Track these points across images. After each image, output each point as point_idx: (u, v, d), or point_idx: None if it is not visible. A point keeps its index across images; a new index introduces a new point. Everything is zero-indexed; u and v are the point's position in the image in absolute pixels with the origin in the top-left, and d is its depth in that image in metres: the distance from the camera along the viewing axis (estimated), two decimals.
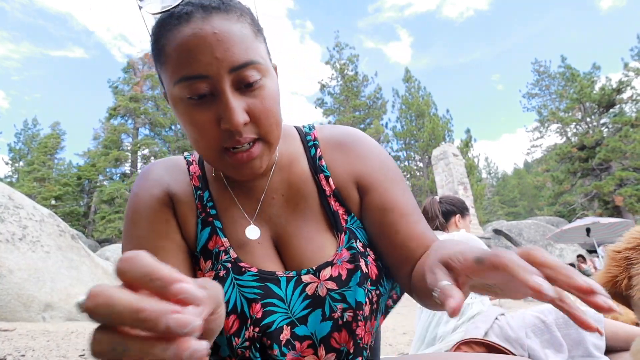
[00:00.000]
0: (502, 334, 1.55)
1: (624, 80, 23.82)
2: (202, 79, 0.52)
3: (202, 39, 0.52)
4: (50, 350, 3.03)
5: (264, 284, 0.61)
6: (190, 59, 0.52)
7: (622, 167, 21.94)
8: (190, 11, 0.53)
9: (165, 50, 0.55)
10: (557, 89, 30.23)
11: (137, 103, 27.89)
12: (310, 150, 0.72)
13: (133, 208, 0.65)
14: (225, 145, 0.56)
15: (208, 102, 0.54)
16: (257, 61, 0.55)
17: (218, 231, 0.65)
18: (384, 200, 0.68)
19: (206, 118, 0.55)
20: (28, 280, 5.13)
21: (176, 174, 0.69)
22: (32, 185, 26.76)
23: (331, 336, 0.61)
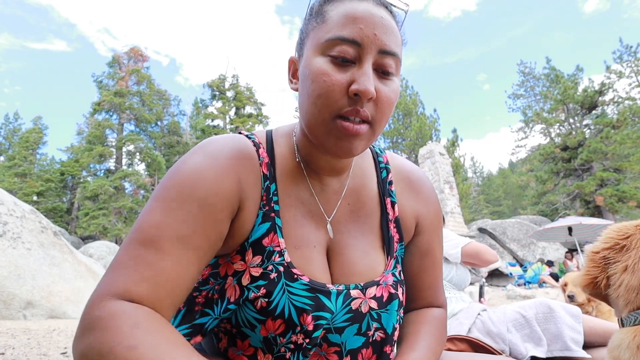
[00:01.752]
0: (485, 328, 1.58)
1: (606, 82, 24.36)
2: (354, 44, 0.57)
3: (371, 16, 0.57)
4: (30, 349, 2.98)
5: (315, 295, 0.61)
6: (354, 26, 0.57)
7: (603, 168, 22.46)
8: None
9: (328, 13, 0.60)
10: (542, 90, 30.74)
11: (122, 98, 27.44)
12: (382, 172, 0.76)
13: (191, 181, 0.57)
14: (342, 112, 0.57)
15: (347, 67, 0.58)
16: (399, 57, 0.60)
17: (277, 229, 0.63)
18: (429, 247, 0.77)
19: (340, 78, 0.57)
20: (8, 278, 5.02)
21: (247, 159, 0.64)
22: (13, 180, 26.13)
23: (359, 351, 0.64)
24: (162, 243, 0.52)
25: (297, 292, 0.60)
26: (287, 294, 0.59)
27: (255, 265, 0.61)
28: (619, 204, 20.65)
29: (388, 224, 0.72)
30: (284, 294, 0.59)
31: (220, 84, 30.76)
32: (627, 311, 0.88)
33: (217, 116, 30.15)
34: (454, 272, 1.95)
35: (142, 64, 31.16)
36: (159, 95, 31.33)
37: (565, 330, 1.45)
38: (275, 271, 0.60)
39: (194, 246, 0.55)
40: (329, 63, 0.58)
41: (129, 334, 0.43)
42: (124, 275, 0.50)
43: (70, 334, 3.74)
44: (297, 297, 0.60)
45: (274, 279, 0.60)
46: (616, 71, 26.44)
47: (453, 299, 1.83)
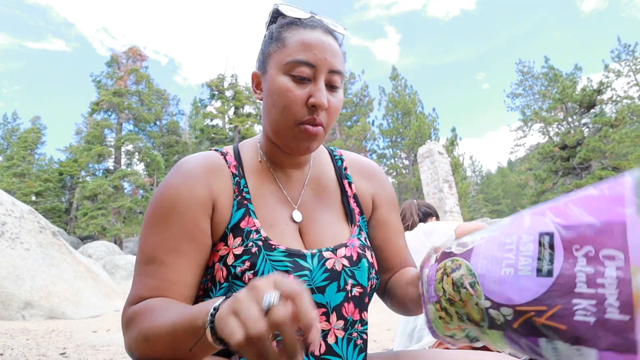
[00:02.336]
0: None
1: (604, 81, 24.40)
2: (309, 66, 0.71)
3: (321, 43, 0.73)
4: (29, 349, 2.98)
5: (293, 259, 0.71)
6: (309, 52, 0.71)
7: (602, 167, 22.51)
8: (316, 26, 0.75)
9: (287, 40, 0.73)
10: (540, 89, 30.78)
11: (120, 98, 27.42)
12: (337, 162, 0.92)
13: (169, 201, 0.71)
14: (303, 120, 0.72)
15: (305, 84, 0.72)
16: (343, 74, 0.76)
17: (251, 213, 0.74)
18: (387, 219, 0.89)
19: (300, 93, 0.72)
20: (7, 278, 5.02)
21: (214, 168, 0.77)
22: (12, 180, 26.10)
23: (342, 305, 0.73)
24: (160, 257, 0.67)
25: (277, 258, 0.70)
26: (269, 262, 0.69)
27: (236, 246, 0.71)
28: None
29: (348, 199, 0.86)
30: (266, 263, 0.69)
31: (219, 83, 30.74)
32: None
33: (216, 116, 30.14)
34: None
35: (140, 64, 31.14)
36: (158, 95, 31.31)
37: None
38: (255, 246, 0.70)
39: (185, 251, 0.68)
40: (291, 81, 0.72)
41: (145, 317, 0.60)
42: (135, 289, 0.67)
43: (68, 335, 3.74)
44: (278, 262, 0.69)
45: (255, 252, 0.69)
46: (614, 70, 26.49)
47: None
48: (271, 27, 0.79)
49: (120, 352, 3.00)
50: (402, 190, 30.60)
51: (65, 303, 5.44)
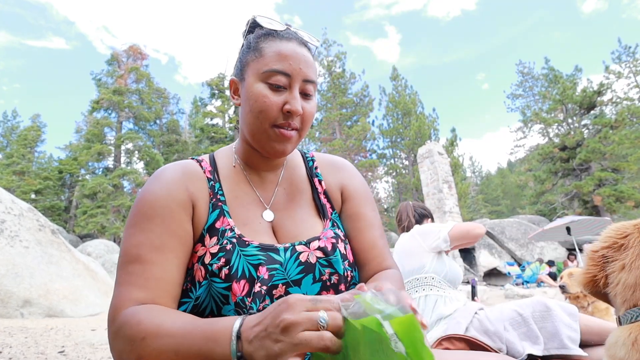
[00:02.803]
0: (482, 327, 1.59)
1: (604, 82, 24.39)
2: (285, 75, 0.76)
3: (296, 54, 0.78)
4: (28, 347, 2.97)
5: (266, 253, 0.74)
6: (284, 61, 0.76)
7: (601, 168, 22.51)
8: (291, 37, 0.80)
9: (263, 50, 0.78)
10: (541, 90, 30.76)
11: (121, 96, 27.37)
12: (309, 162, 0.96)
13: (149, 204, 0.73)
14: (277, 123, 0.77)
15: (281, 91, 0.77)
16: (316, 83, 0.81)
17: (225, 213, 0.78)
18: (357, 210, 0.91)
19: (276, 100, 0.76)
20: (6, 276, 5.01)
21: (190, 172, 0.81)
22: (11, 178, 26.05)
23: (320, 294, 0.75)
24: (144, 256, 0.68)
25: (250, 253, 0.73)
26: (243, 257, 0.72)
27: (212, 245, 0.74)
28: (616, 204, 20.70)
29: (319, 195, 0.90)
30: (240, 258, 0.72)
31: (220, 82, 30.68)
32: (624, 309, 0.88)
33: (216, 115, 30.09)
34: (447, 268, 1.93)
35: (141, 62, 31.09)
36: (158, 94, 31.25)
37: (562, 329, 1.45)
38: (229, 243, 0.73)
39: (169, 249, 0.70)
40: (267, 89, 0.77)
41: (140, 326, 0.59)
42: (124, 290, 0.66)
43: (67, 333, 3.74)
44: (251, 257, 0.72)
45: (230, 249, 0.72)
46: (615, 71, 26.49)
47: (447, 298, 1.82)
48: (249, 37, 0.84)
49: None
50: (402, 191, 30.59)
51: (64, 301, 5.43)
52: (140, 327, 0.59)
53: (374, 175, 28.74)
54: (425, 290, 1.87)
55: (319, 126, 29.21)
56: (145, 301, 0.65)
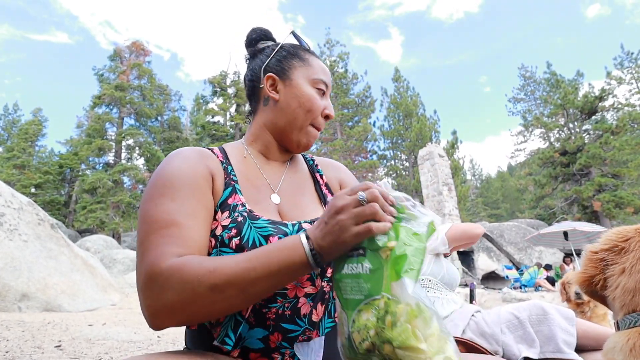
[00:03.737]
0: (478, 329, 1.59)
1: (606, 88, 24.40)
2: (326, 85, 0.94)
3: (328, 71, 0.96)
4: (25, 341, 2.97)
5: (275, 226, 0.77)
6: (325, 74, 0.94)
7: (602, 173, 22.51)
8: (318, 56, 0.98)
9: (309, 61, 0.94)
10: (542, 95, 30.76)
11: (122, 92, 27.36)
12: (309, 161, 1.06)
13: (176, 177, 0.76)
14: (315, 122, 0.93)
15: (322, 97, 0.93)
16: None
17: (237, 191, 0.82)
18: None
19: (322, 103, 0.93)
20: (4, 269, 5.01)
21: (206, 154, 0.87)
22: (11, 172, 26.06)
23: (326, 270, 0.79)
24: (180, 221, 0.69)
25: (261, 225, 0.76)
26: (254, 229, 0.75)
27: (224, 219, 0.77)
28: (616, 210, 20.70)
29: (321, 187, 0.99)
30: (251, 230, 0.74)
31: (222, 80, 30.66)
32: (622, 314, 0.88)
33: (218, 112, 30.08)
34: (444, 271, 1.93)
35: (143, 58, 31.08)
36: (160, 90, 31.25)
37: (558, 333, 1.46)
38: (240, 216, 0.77)
39: (201, 217, 0.73)
40: (316, 93, 0.92)
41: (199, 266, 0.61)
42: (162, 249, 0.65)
43: (64, 328, 3.74)
44: (262, 228, 0.75)
45: (241, 221, 0.76)
46: (616, 77, 26.50)
47: (444, 300, 1.83)
48: (285, 45, 0.96)
49: (115, 347, 3.00)
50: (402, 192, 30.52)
51: (61, 296, 5.44)
52: (204, 264, 0.61)
53: (374, 176, 28.71)
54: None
55: None
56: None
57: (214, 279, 0.59)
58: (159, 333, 3.76)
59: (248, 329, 0.72)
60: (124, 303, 6.75)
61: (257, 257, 0.62)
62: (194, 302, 0.59)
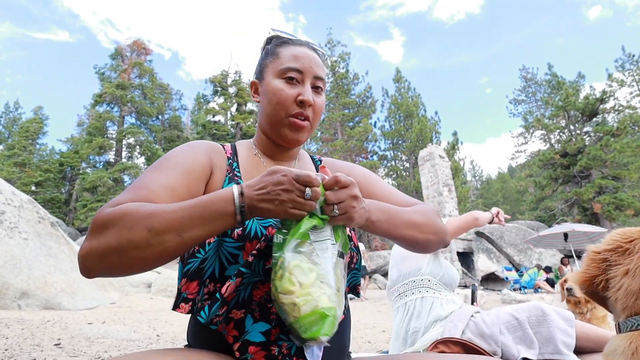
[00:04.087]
0: (478, 330, 1.59)
1: (607, 90, 24.39)
2: (298, 71, 0.89)
3: (307, 55, 0.91)
4: (24, 339, 2.98)
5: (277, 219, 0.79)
6: (297, 60, 0.89)
7: (602, 176, 22.50)
8: (302, 44, 0.94)
9: (280, 53, 0.91)
10: (543, 96, 30.75)
11: (124, 91, 27.39)
12: (317, 162, 1.07)
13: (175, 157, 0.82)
14: (292, 113, 0.88)
15: (295, 85, 0.89)
16: (325, 80, 0.94)
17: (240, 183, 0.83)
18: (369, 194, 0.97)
19: (291, 92, 0.88)
20: (4, 267, 5.02)
21: (215, 148, 0.92)
22: (12, 170, 26.09)
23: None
24: (153, 188, 0.73)
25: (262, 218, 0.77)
26: (256, 220, 0.78)
27: None
28: (616, 212, 20.70)
29: None
30: (253, 222, 0.78)
31: (223, 79, 30.69)
32: (624, 316, 0.87)
33: (219, 112, 30.09)
34: (444, 271, 1.92)
35: (144, 57, 31.11)
36: (161, 89, 31.28)
37: (557, 334, 1.46)
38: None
39: (177, 194, 0.75)
40: (284, 83, 0.88)
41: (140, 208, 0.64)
42: (118, 198, 0.70)
43: (64, 326, 3.74)
44: (264, 220, 0.79)
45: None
46: (618, 79, 26.48)
47: (443, 300, 1.83)
48: (267, 46, 0.96)
49: (115, 345, 3.00)
50: None
51: (61, 294, 5.44)
52: (144, 207, 0.65)
53: None
54: (422, 292, 1.87)
55: (321, 126, 29.19)
56: None
57: (153, 221, 0.62)
58: (159, 332, 3.76)
59: (252, 322, 0.73)
60: (123, 302, 6.76)
61: (195, 205, 0.65)
62: (129, 242, 0.61)
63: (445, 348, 1.50)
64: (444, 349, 1.49)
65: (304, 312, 0.61)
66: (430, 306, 1.81)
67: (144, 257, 0.63)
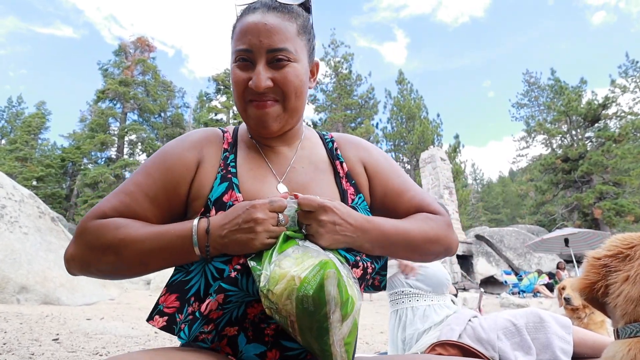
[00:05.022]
0: (475, 335, 1.59)
1: (610, 96, 24.36)
2: (247, 51, 0.76)
3: (255, 26, 0.75)
4: (23, 333, 2.98)
5: None
6: (244, 38, 0.76)
7: (603, 181, 22.47)
8: (257, 7, 0.79)
9: (235, 30, 0.80)
10: (546, 101, 30.72)
11: (126, 87, 27.43)
12: (328, 144, 0.94)
13: (163, 155, 0.80)
14: (250, 98, 0.78)
15: (248, 67, 0.77)
16: (289, 50, 0.77)
17: (235, 187, 0.77)
18: (385, 187, 0.89)
19: (243, 77, 0.77)
20: (4, 261, 5.03)
21: (212, 137, 0.85)
22: (14, 164, 26.13)
23: None
24: (136, 196, 0.75)
25: None
26: None
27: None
28: (616, 218, 20.66)
29: (340, 180, 0.87)
30: None
31: (226, 78, 30.71)
32: (623, 322, 0.87)
33: (221, 110, 30.12)
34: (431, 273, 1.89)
35: (148, 54, 31.14)
36: (164, 87, 31.32)
37: (554, 341, 1.46)
38: None
39: (158, 203, 0.76)
40: (237, 68, 0.78)
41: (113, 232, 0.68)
42: (102, 205, 0.73)
43: (62, 321, 3.75)
44: None
45: None
46: (621, 85, 26.44)
47: (436, 307, 1.81)
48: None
49: (113, 341, 3.00)
50: None
51: (60, 289, 5.45)
52: (118, 232, 0.69)
53: None
54: (412, 301, 1.86)
55: (323, 126, 29.20)
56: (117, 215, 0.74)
57: (122, 250, 0.68)
58: (157, 329, 3.76)
59: (245, 342, 0.69)
60: (122, 298, 6.76)
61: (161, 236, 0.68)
62: (101, 262, 0.69)
63: (442, 350, 1.50)
64: (441, 352, 1.49)
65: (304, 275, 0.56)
66: (422, 314, 1.80)
67: (114, 275, 0.72)
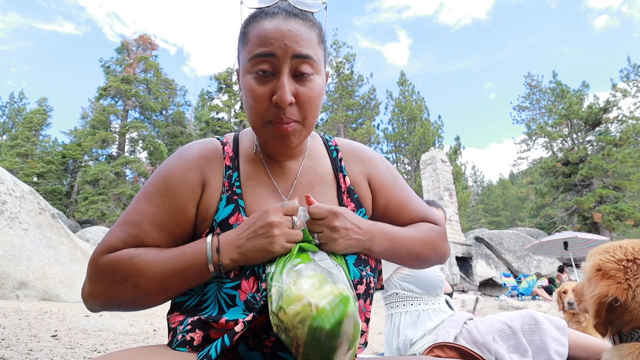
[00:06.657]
0: (471, 337, 1.59)
1: (611, 100, 24.32)
2: (270, 56, 0.67)
3: (279, 30, 0.68)
4: (21, 329, 2.99)
5: None
6: (266, 42, 0.67)
7: (603, 185, 22.45)
8: (276, 12, 0.70)
9: (248, 35, 0.71)
10: (547, 104, 30.69)
11: (128, 85, 27.43)
12: (333, 153, 0.89)
13: (164, 180, 0.75)
14: (270, 119, 0.70)
15: (268, 79, 0.69)
16: (314, 59, 0.70)
17: (241, 209, 0.74)
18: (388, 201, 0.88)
19: (263, 90, 0.69)
20: (3, 257, 5.04)
21: (211, 155, 0.79)
22: (15, 160, 26.13)
23: None
24: (143, 226, 0.71)
25: None
26: None
27: None
28: (616, 222, 20.64)
29: (342, 195, 0.83)
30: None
31: (228, 77, 30.72)
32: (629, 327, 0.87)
33: (222, 109, 30.13)
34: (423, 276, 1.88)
35: (150, 52, 31.15)
36: (166, 85, 31.32)
37: (549, 343, 1.46)
38: None
39: (167, 230, 0.72)
40: (254, 79, 0.70)
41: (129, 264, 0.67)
42: (110, 239, 0.70)
43: (61, 318, 3.75)
44: None
45: None
46: (622, 89, 26.40)
47: (430, 311, 1.80)
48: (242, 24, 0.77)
49: (111, 338, 3.01)
50: None
51: (59, 285, 5.46)
52: (134, 264, 0.66)
53: None
54: (406, 305, 1.84)
55: (324, 126, 29.21)
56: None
57: (139, 280, 0.66)
58: (156, 326, 3.77)
59: (246, 350, 0.68)
60: None
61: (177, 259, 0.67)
62: (122, 297, 0.67)
63: (440, 352, 1.50)
64: (439, 354, 1.50)
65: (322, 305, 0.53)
66: (416, 319, 1.78)
67: (136, 305, 0.69)
